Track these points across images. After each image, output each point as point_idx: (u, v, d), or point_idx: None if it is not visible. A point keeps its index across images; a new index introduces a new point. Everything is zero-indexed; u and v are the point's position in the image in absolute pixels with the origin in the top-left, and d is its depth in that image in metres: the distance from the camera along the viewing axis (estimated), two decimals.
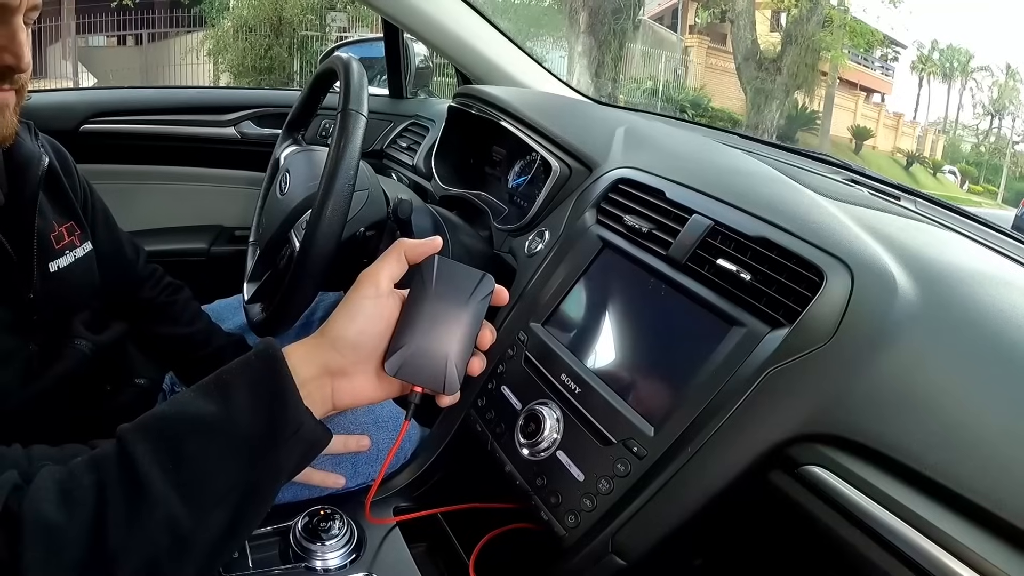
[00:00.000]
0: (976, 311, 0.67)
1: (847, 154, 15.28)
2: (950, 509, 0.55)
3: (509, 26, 1.70)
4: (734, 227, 0.79)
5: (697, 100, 13.99)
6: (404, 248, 0.64)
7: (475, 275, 0.65)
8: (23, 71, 0.70)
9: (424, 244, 0.65)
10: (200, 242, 1.79)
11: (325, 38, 10.99)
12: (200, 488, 0.52)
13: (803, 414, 0.64)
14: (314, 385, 0.59)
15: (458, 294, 0.64)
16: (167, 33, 11.46)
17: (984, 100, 17.40)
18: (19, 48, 0.68)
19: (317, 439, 0.59)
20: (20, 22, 0.68)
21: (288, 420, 0.56)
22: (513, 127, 1.24)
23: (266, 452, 0.55)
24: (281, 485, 0.58)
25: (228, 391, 0.55)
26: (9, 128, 0.74)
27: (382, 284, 0.62)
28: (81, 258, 0.92)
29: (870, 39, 14.37)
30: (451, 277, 0.65)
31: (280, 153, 1.17)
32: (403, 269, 0.64)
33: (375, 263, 0.64)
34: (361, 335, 0.61)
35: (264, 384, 0.56)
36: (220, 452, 0.53)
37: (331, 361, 0.60)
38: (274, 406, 0.56)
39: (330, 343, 0.61)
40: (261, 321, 0.99)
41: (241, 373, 0.57)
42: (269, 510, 0.58)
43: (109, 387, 0.96)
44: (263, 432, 0.55)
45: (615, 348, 0.82)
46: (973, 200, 15.76)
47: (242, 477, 0.54)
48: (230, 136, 1.80)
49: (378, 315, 0.62)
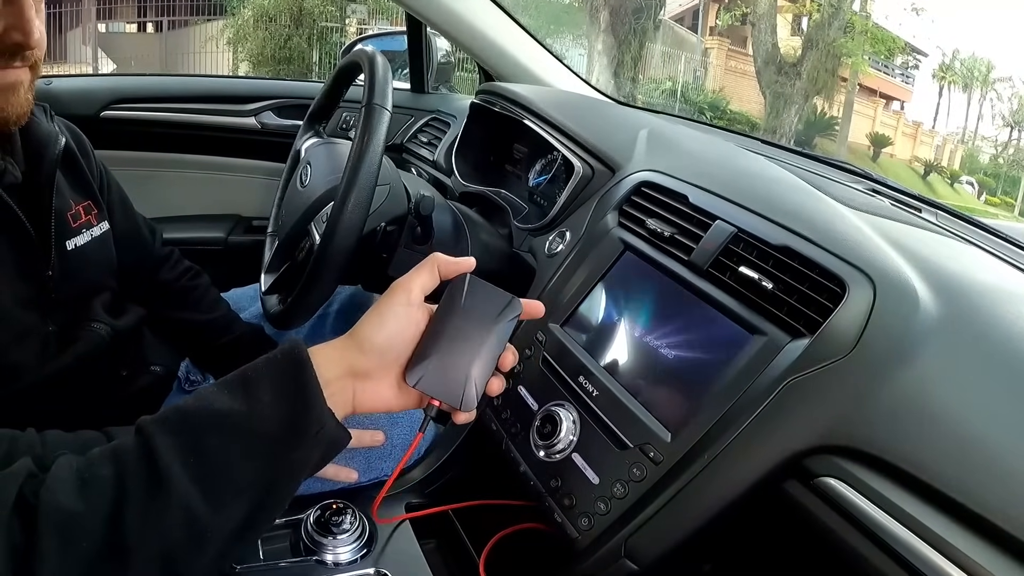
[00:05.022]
0: (996, 328, 0.67)
1: (865, 161, 15.17)
2: (965, 526, 0.55)
3: (529, 22, 1.69)
4: (757, 235, 0.78)
5: (716, 102, 13.91)
6: (438, 263, 0.65)
7: (504, 297, 0.66)
8: (32, 48, 0.69)
9: (458, 262, 0.66)
10: (218, 231, 1.80)
11: (345, 30, 11.00)
12: (220, 484, 0.53)
13: (821, 425, 0.64)
14: (337, 386, 0.60)
15: (485, 314, 0.65)
16: (187, 21, 11.49)
17: (1004, 111, 17.24)
18: (27, 25, 0.67)
19: (337, 439, 0.60)
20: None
21: (311, 421, 0.56)
22: (536, 126, 1.24)
23: (287, 451, 0.55)
24: (300, 483, 0.58)
25: (253, 389, 0.56)
26: (24, 106, 0.74)
27: (414, 294, 0.64)
28: (98, 237, 0.93)
29: (891, 46, 14.24)
30: (480, 297, 0.66)
31: (301, 145, 1.17)
32: (435, 283, 0.66)
33: (409, 273, 0.65)
34: (389, 341, 0.62)
35: (289, 384, 0.57)
36: (242, 449, 0.54)
37: (356, 363, 0.61)
38: (297, 406, 0.56)
39: (357, 345, 0.62)
40: (278, 313, 1.00)
41: (266, 371, 0.57)
42: (286, 507, 0.58)
43: (125, 372, 0.96)
44: (285, 431, 0.55)
45: (633, 352, 0.82)
46: (990, 212, 15.61)
47: (262, 474, 0.54)
48: (250, 126, 1.81)
49: (407, 324, 0.63)
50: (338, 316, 1.26)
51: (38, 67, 0.74)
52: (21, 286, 0.82)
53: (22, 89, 0.72)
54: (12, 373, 0.81)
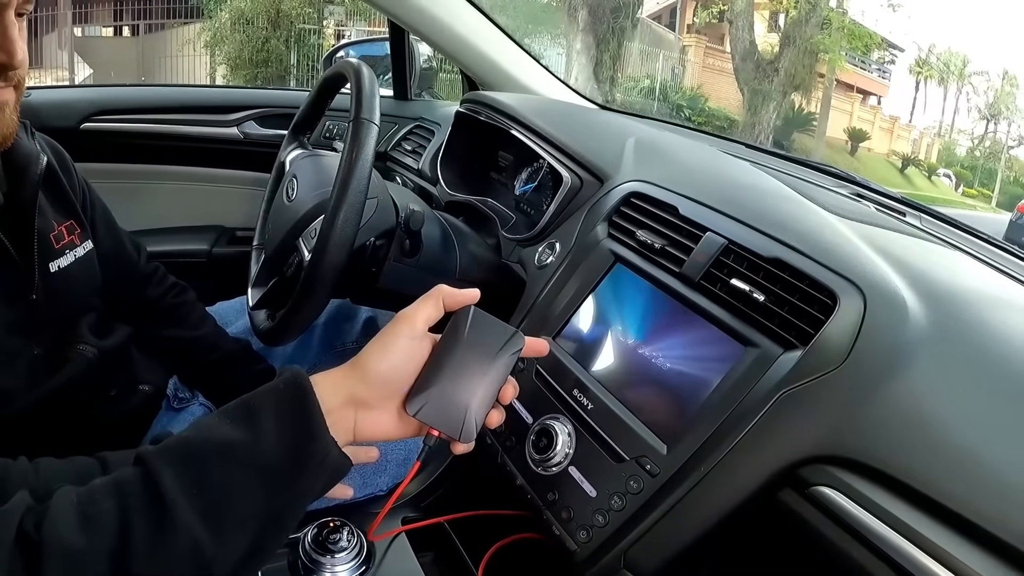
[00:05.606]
0: (985, 336, 0.68)
1: (843, 155, 15.34)
2: (959, 533, 0.56)
3: (507, 23, 1.69)
4: (748, 247, 0.79)
5: (694, 99, 13.98)
6: (443, 295, 0.66)
7: (507, 331, 0.67)
8: (16, 68, 0.69)
9: (462, 294, 0.67)
10: (202, 243, 1.78)
11: (322, 32, 10.94)
12: (224, 515, 0.52)
13: (815, 436, 0.65)
14: (339, 415, 0.60)
15: (488, 347, 0.66)
16: (164, 24, 11.38)
17: (980, 104, 17.48)
18: (11, 45, 0.67)
19: (340, 467, 0.60)
20: (11, 17, 0.67)
21: (315, 450, 0.56)
22: (523, 136, 1.24)
23: (291, 481, 0.55)
24: (303, 511, 0.58)
25: (255, 419, 0.56)
26: (10, 127, 0.73)
27: (418, 325, 0.64)
28: (82, 257, 0.92)
29: (868, 42, 14.39)
30: (483, 329, 0.67)
31: (286, 157, 1.17)
32: (440, 314, 0.66)
33: (414, 305, 0.66)
34: (392, 371, 0.63)
35: (292, 413, 0.57)
36: (245, 479, 0.54)
37: (358, 392, 0.61)
38: (301, 436, 0.56)
39: (360, 375, 0.62)
40: (269, 329, 0.99)
41: (269, 400, 0.57)
42: (290, 536, 0.58)
43: (113, 392, 0.95)
44: (289, 461, 0.55)
45: (627, 364, 0.83)
46: (968, 203, 15.82)
47: (266, 505, 0.54)
48: (233, 136, 1.80)
49: (410, 354, 0.64)
50: (325, 328, 1.25)
51: (22, 87, 0.73)
52: (5, 311, 0.81)
53: (8, 109, 0.72)
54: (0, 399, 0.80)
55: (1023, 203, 9.30)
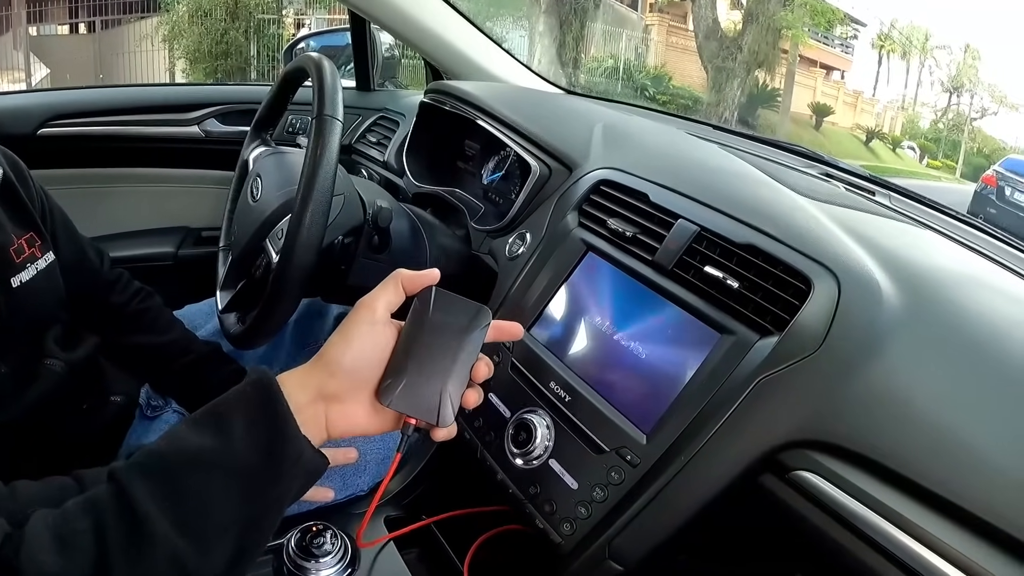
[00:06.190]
0: (958, 316, 0.69)
1: (808, 131, 15.45)
2: (938, 512, 0.57)
3: (468, 7, 1.67)
4: (721, 233, 0.79)
5: (658, 79, 13.98)
6: (402, 278, 0.64)
7: (472, 307, 0.65)
8: None
9: (422, 276, 0.65)
10: (167, 245, 1.74)
11: (282, 21, 10.76)
12: (202, 524, 0.51)
13: (793, 422, 0.65)
14: (309, 412, 0.59)
15: (454, 326, 0.64)
16: (120, 20, 11.10)
17: (943, 78, 17.69)
18: None
19: (316, 467, 0.59)
20: None
21: (288, 451, 0.55)
22: (490, 125, 1.22)
23: (267, 484, 0.54)
24: (282, 514, 0.57)
25: (224, 424, 0.54)
26: None
27: (378, 312, 0.62)
28: (44, 270, 0.89)
29: (831, 17, 14.47)
30: (448, 309, 0.65)
31: (249, 155, 1.14)
32: (400, 299, 0.64)
33: (373, 291, 0.64)
34: (356, 361, 0.61)
35: (261, 415, 0.55)
36: (220, 486, 0.52)
37: (325, 386, 0.60)
38: (273, 437, 0.55)
39: (325, 368, 0.60)
40: (240, 333, 0.97)
41: (237, 405, 0.56)
42: (271, 539, 0.57)
43: (85, 406, 0.93)
44: (263, 464, 0.54)
45: (603, 355, 0.82)
46: (932, 175, 16.04)
47: (243, 510, 0.53)
48: (194, 135, 1.75)
49: (373, 343, 0.62)
50: (296, 326, 1.24)
51: None
52: None
53: None
54: None
55: (987, 174, 9.44)
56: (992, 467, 0.57)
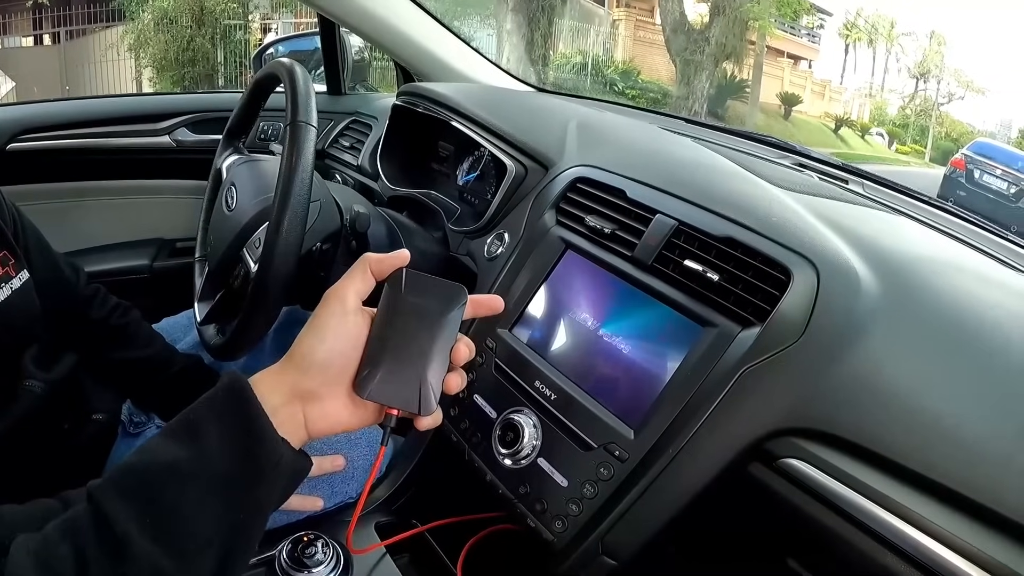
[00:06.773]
0: (935, 300, 0.70)
1: (778, 120, 15.60)
2: (924, 493, 0.58)
3: (435, 6, 1.66)
4: (699, 227, 0.79)
5: (627, 74, 14.04)
6: (369, 263, 0.61)
7: (447, 287, 0.62)
8: None
9: (391, 258, 0.61)
10: (142, 258, 1.72)
11: (248, 26, 10.66)
12: (183, 537, 0.50)
13: (779, 411, 0.66)
14: (286, 413, 0.56)
15: (430, 308, 0.60)
16: (85, 30, 10.93)
17: (909, 64, 17.92)
18: None
19: (298, 468, 0.57)
20: None
21: (266, 454, 0.53)
22: (463, 126, 1.22)
23: (247, 490, 0.53)
24: (267, 520, 0.56)
25: (198, 432, 0.52)
26: None
27: (348, 301, 0.59)
28: (18, 289, 0.87)
29: (796, 8, 14.65)
30: (422, 291, 0.61)
31: (222, 163, 1.13)
32: (370, 285, 0.61)
33: (341, 280, 0.60)
34: (330, 354, 0.58)
35: (235, 420, 0.53)
36: (199, 497, 0.51)
37: (299, 384, 0.57)
38: (249, 441, 0.53)
39: (297, 365, 0.58)
40: (220, 344, 0.96)
41: (209, 411, 0.54)
42: (257, 546, 0.56)
43: (67, 425, 0.92)
44: (241, 470, 0.52)
45: (586, 352, 0.83)
46: (902, 160, 16.27)
47: (225, 519, 0.52)
48: (165, 145, 1.73)
49: (345, 334, 0.58)
50: (276, 334, 1.22)
51: None
52: None
53: None
54: None
55: (956, 158, 9.58)
56: (973, 446, 0.58)
